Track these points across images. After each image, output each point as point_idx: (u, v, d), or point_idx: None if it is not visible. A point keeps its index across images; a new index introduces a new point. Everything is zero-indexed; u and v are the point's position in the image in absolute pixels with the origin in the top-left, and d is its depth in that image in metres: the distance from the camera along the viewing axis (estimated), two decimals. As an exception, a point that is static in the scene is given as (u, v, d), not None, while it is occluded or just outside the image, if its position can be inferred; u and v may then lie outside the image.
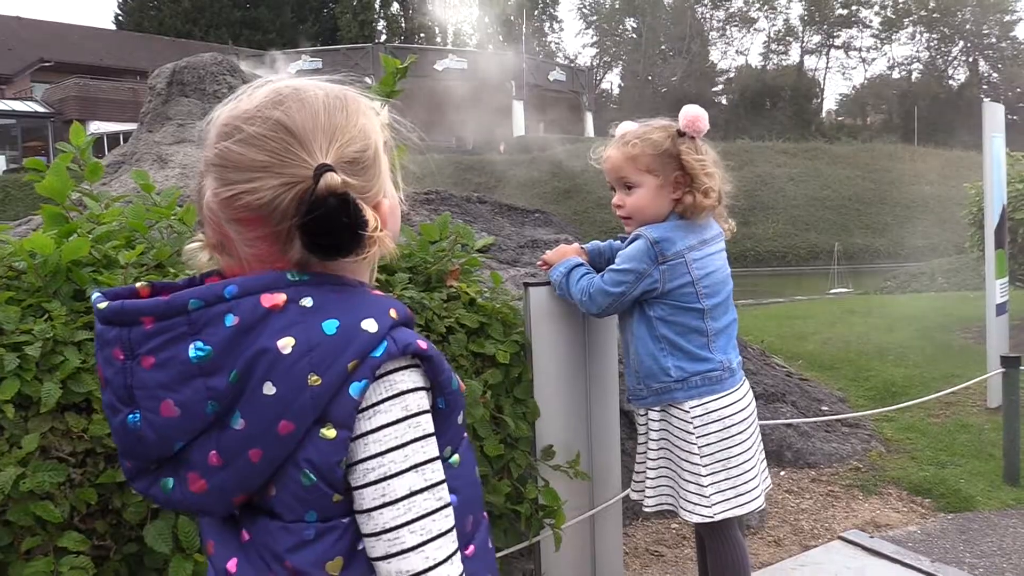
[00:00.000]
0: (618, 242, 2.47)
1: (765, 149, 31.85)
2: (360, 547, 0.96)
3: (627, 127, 2.37)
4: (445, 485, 0.97)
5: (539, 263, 2.53)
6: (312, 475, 0.93)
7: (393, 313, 0.98)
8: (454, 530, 0.97)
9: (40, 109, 32.66)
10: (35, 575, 1.53)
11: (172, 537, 1.67)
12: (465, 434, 1.08)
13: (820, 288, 15.29)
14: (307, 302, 0.95)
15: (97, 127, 28.11)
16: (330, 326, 0.93)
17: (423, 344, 0.98)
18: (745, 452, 2.25)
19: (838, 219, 28.85)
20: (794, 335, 7.12)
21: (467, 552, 1.03)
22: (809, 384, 5.00)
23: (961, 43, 56.97)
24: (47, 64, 34.52)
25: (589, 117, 40.69)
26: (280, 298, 0.94)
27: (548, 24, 61.65)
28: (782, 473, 3.94)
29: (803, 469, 3.97)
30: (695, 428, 2.23)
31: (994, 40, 56.02)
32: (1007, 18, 55.12)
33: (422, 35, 55.83)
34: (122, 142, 13.03)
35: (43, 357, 1.62)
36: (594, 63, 60.90)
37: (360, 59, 31.07)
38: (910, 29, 57.33)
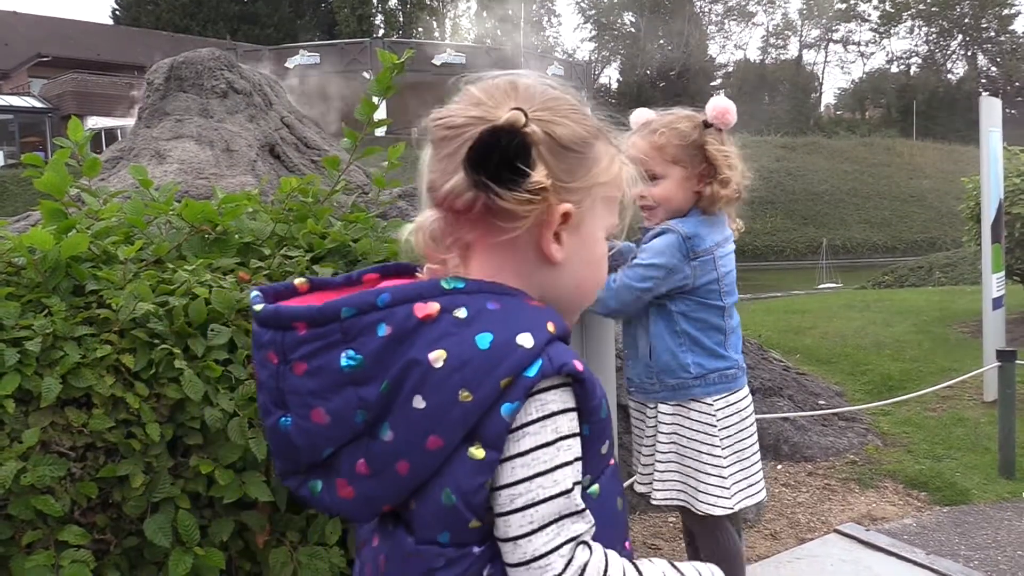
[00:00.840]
0: (634, 245, 2.43)
1: (763, 143, 31.84)
2: (487, 574, 0.93)
3: (644, 114, 2.34)
4: (587, 510, 0.93)
5: None
6: (454, 495, 0.90)
7: (551, 327, 0.94)
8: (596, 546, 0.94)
9: (37, 104, 32.64)
10: (36, 569, 1.54)
11: (172, 531, 1.68)
12: (613, 462, 1.03)
13: (817, 283, 15.32)
14: (461, 313, 0.92)
15: (95, 122, 28.05)
16: (483, 340, 0.90)
17: (579, 365, 0.93)
18: (754, 444, 2.32)
19: (836, 213, 28.89)
20: (792, 329, 7.13)
21: None
22: (806, 378, 5.02)
23: (960, 37, 56.95)
24: (44, 59, 34.47)
25: (587, 112, 40.63)
26: (434, 308, 0.92)
27: (547, 19, 61.59)
28: (779, 467, 3.96)
29: (800, 463, 3.99)
30: (718, 422, 2.25)
31: (992, 34, 56.00)
32: (1005, 12, 55.11)
33: (420, 29, 55.73)
34: (120, 137, 13.02)
35: (43, 352, 1.63)
36: (592, 58, 60.82)
37: (358, 54, 31.04)
38: (908, 23, 57.34)
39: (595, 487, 0.99)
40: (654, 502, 2.36)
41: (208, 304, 1.83)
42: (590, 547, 0.93)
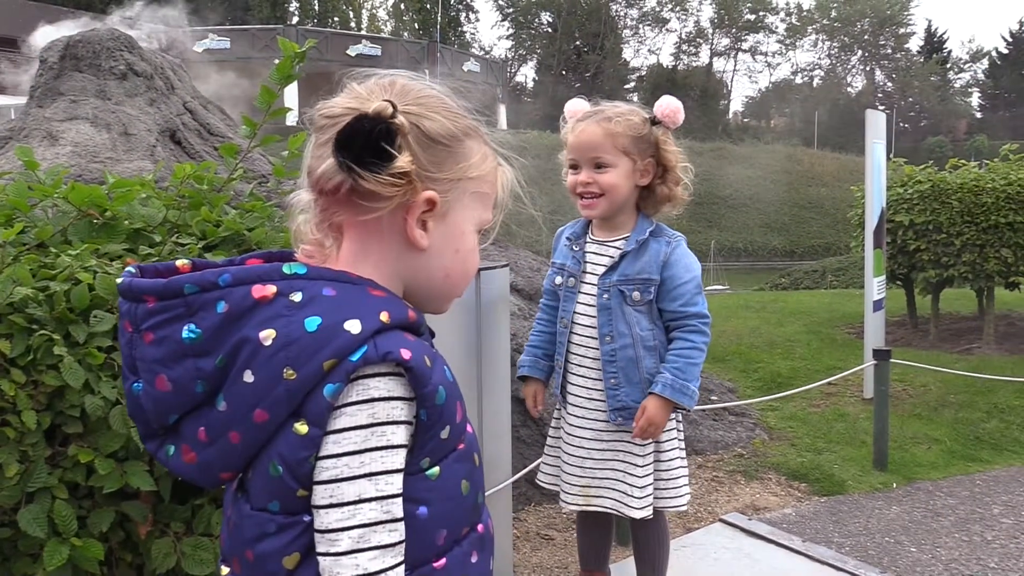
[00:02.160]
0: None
1: (673, 147, 32.54)
2: None
3: (580, 105, 2.33)
4: (399, 500, 0.96)
5: (656, 436, 2.28)
6: (280, 466, 0.96)
7: (384, 316, 0.98)
8: (400, 546, 0.96)
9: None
10: (-102, 559, 1.49)
11: (48, 521, 1.65)
12: (461, 446, 1.07)
13: (724, 283, 15.84)
14: (296, 296, 0.97)
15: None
16: (312, 323, 0.95)
17: (406, 353, 0.96)
18: None
19: (739, 217, 29.89)
20: (691, 328, 7.34)
21: (436, 565, 1.03)
22: (701, 375, 5.19)
23: (859, 52, 59.65)
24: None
25: (503, 109, 40.78)
26: (270, 290, 0.98)
27: (464, 15, 61.47)
28: (671, 460, 4.10)
29: (690, 456, 4.14)
30: (677, 421, 2.38)
31: (889, 51, 58.87)
32: (902, 31, 58.03)
33: (336, 19, 54.81)
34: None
35: (-89, 336, 1.57)
36: (509, 56, 61.07)
37: (270, 41, 30.28)
38: (813, 37, 59.72)
39: (435, 469, 1.03)
40: (639, 515, 2.29)
41: (92, 290, 1.80)
42: (394, 569, 0.96)
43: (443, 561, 1.04)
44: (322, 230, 1.07)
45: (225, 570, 1.08)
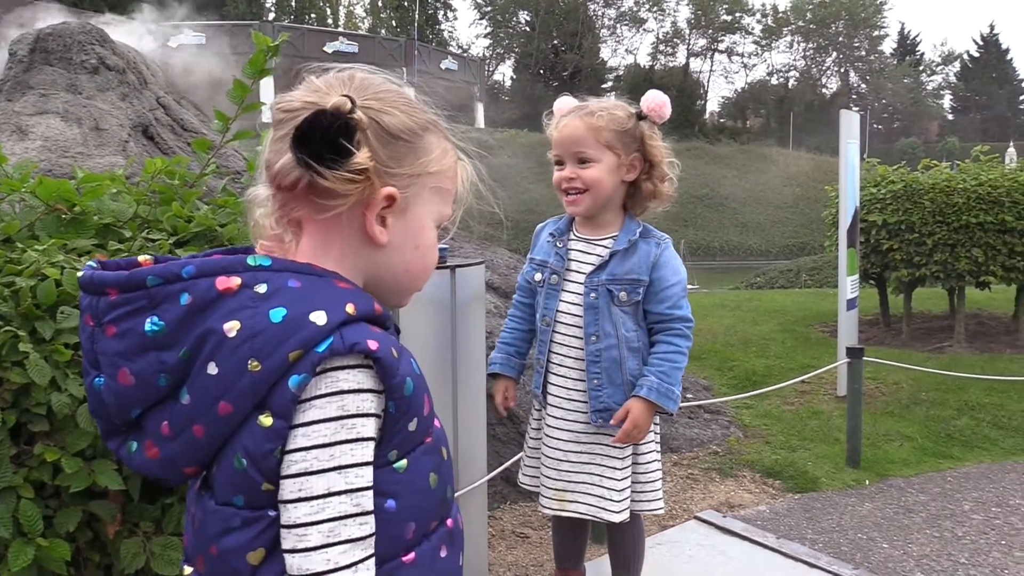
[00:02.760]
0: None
1: (650, 147, 32.69)
2: None
3: (568, 102, 2.30)
4: (369, 493, 0.95)
5: (640, 439, 2.28)
6: (244, 459, 0.94)
7: (350, 308, 0.97)
8: (370, 539, 0.95)
9: None
10: None
11: (12, 521, 1.61)
12: (428, 439, 1.06)
13: (695, 283, 15.91)
14: (261, 288, 0.96)
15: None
16: (277, 314, 0.94)
17: (373, 344, 0.95)
18: None
19: (716, 216, 30.08)
20: (667, 327, 7.37)
21: (405, 559, 1.02)
22: (677, 373, 5.22)
23: (834, 54, 60.20)
24: None
25: (480, 108, 40.72)
26: (235, 282, 0.96)
27: (442, 12, 61.32)
28: (647, 457, 4.11)
29: (666, 454, 4.15)
30: (655, 424, 2.36)
31: (863, 53, 59.48)
32: (876, 33, 58.65)
33: (313, 16, 54.46)
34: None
35: None
36: (487, 54, 61.02)
37: (247, 36, 30.05)
38: (788, 38, 60.15)
39: (403, 462, 1.02)
40: (617, 519, 2.28)
41: (59, 286, 1.76)
42: (364, 562, 0.94)
43: (412, 555, 1.03)
44: (281, 225, 1.06)
45: (188, 570, 1.06)
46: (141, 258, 1.04)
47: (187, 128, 5.61)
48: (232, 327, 0.94)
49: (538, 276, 2.37)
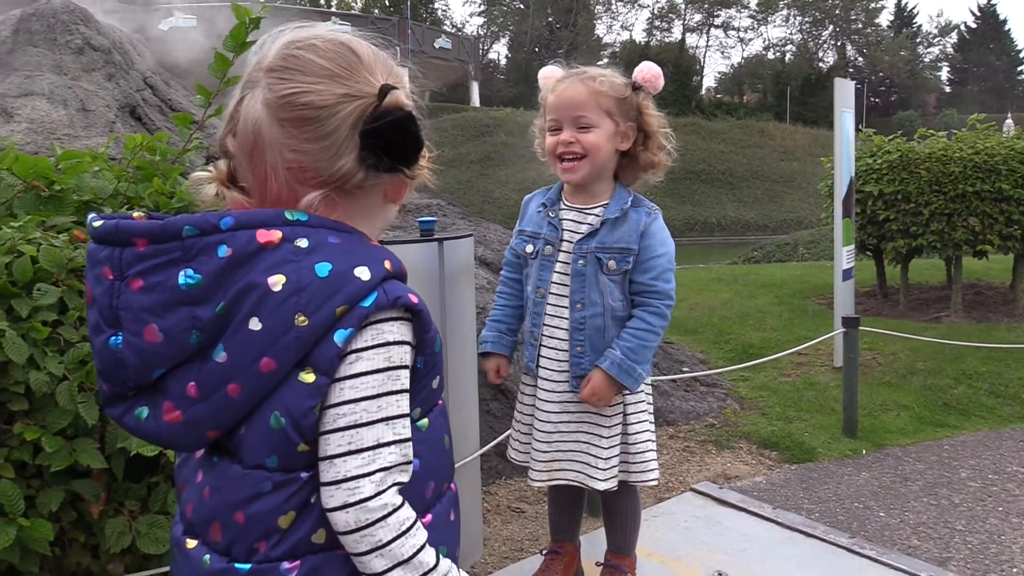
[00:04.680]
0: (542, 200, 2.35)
1: (646, 123, 32.59)
2: (314, 501, 0.94)
3: (555, 70, 2.28)
4: (411, 443, 0.96)
5: (599, 406, 2.24)
6: (282, 418, 0.92)
7: (387, 264, 0.98)
8: (405, 485, 0.97)
9: None
10: None
11: (-7, 501, 1.59)
12: (441, 401, 1.07)
13: (692, 259, 15.89)
14: (302, 243, 0.94)
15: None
16: (323, 269, 0.93)
17: (414, 298, 0.97)
18: None
19: (712, 192, 30.01)
20: (664, 302, 7.36)
21: (424, 520, 1.01)
22: (672, 347, 5.20)
23: (831, 28, 59.81)
24: None
25: (475, 86, 40.50)
26: (276, 235, 0.93)
27: (436, -10, 60.79)
28: (643, 431, 4.10)
29: (662, 427, 4.14)
30: (647, 395, 2.34)
31: (860, 26, 59.11)
32: (872, 5, 58.25)
33: (305, -4, 53.99)
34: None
35: None
36: (481, 32, 60.60)
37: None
38: (784, 12, 59.71)
39: (424, 420, 1.03)
40: (603, 487, 2.26)
41: (36, 263, 1.73)
42: (404, 501, 0.96)
43: (429, 517, 1.04)
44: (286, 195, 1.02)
45: (192, 543, 1.02)
46: (135, 214, 0.98)
47: (175, 108, 5.55)
48: (277, 281, 0.91)
49: (530, 248, 2.33)
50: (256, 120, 0.98)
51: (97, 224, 0.95)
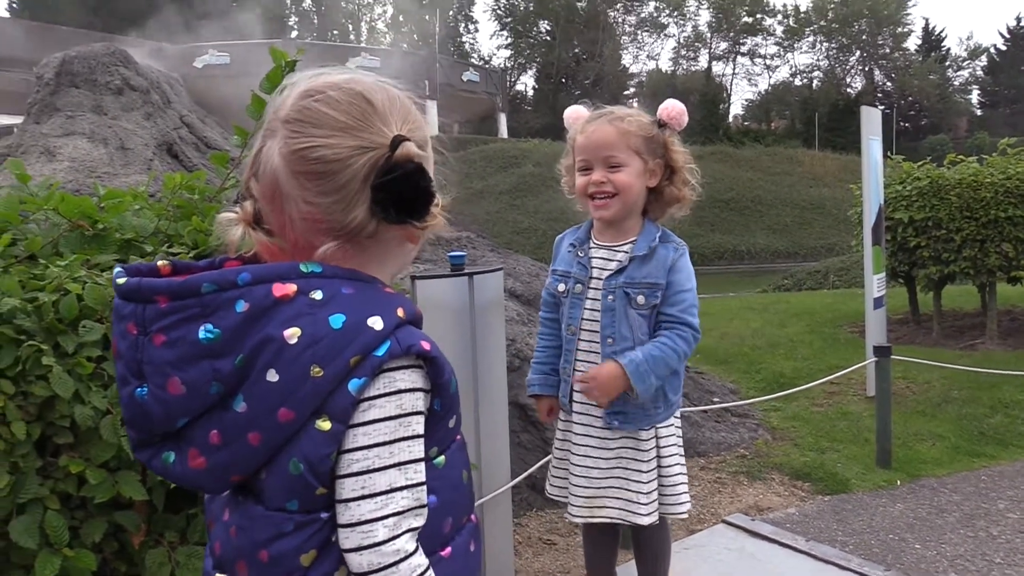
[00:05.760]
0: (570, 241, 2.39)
1: (673, 152, 32.59)
2: (334, 540, 0.97)
3: (581, 110, 2.33)
4: (424, 487, 0.99)
5: (593, 396, 2.22)
6: (301, 464, 0.95)
7: (400, 312, 1.00)
8: (419, 530, 0.99)
9: (-77, 100, 30.78)
10: None
11: (39, 532, 1.64)
12: (459, 436, 1.10)
13: (722, 287, 15.81)
14: (317, 295, 0.97)
15: (-12, 120, 26.67)
16: (336, 320, 0.95)
17: (426, 345, 1.00)
18: None
19: (742, 220, 29.87)
20: (693, 331, 7.33)
21: (443, 553, 1.05)
22: (703, 377, 5.19)
23: (858, 53, 59.64)
24: (-68, 52, 32.54)
25: (503, 118, 40.86)
26: (291, 288, 0.96)
27: (463, 25, 61.68)
28: (673, 462, 4.09)
29: (693, 458, 4.12)
30: (677, 428, 2.35)
31: (887, 51, 58.85)
32: (899, 30, 58.02)
33: (335, 32, 55.05)
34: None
35: (-101, 349, 1.57)
36: (508, 65, 61.22)
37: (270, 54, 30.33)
38: (811, 38, 59.71)
39: (441, 458, 1.06)
40: (646, 522, 2.26)
41: (81, 300, 1.79)
42: (418, 547, 0.99)
43: (448, 550, 1.06)
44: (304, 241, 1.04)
45: None
46: (160, 263, 1.03)
47: (211, 146, 5.69)
48: (293, 334, 0.94)
49: (561, 287, 2.37)
50: (274, 170, 1.01)
51: (121, 281, 0.99)
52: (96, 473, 1.69)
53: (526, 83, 63.73)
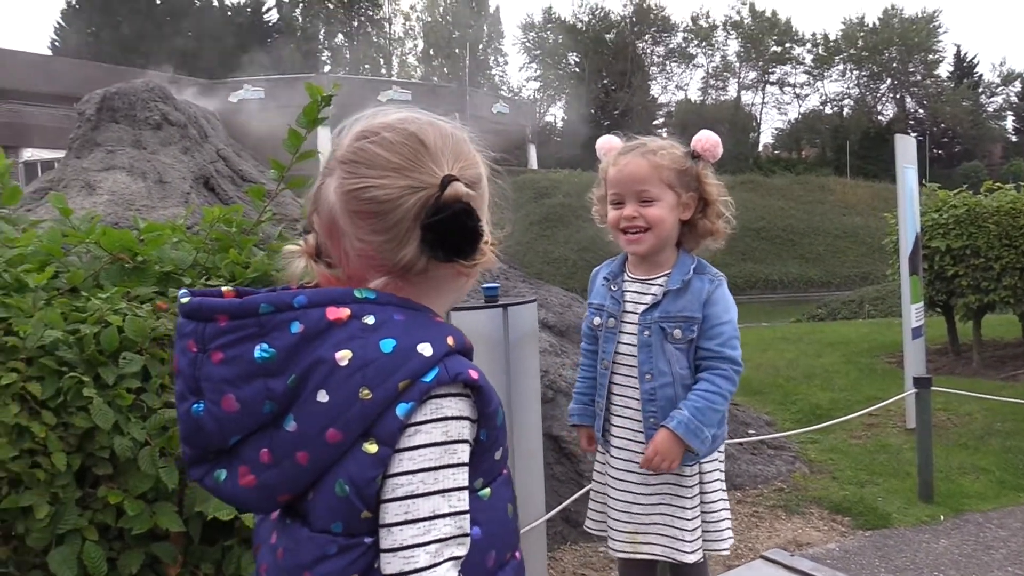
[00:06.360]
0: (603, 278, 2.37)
1: (704, 181, 32.56)
2: (376, 566, 0.97)
3: (613, 141, 2.31)
4: (467, 516, 0.99)
5: (663, 468, 2.15)
6: (347, 486, 0.96)
7: (450, 341, 1.02)
8: (462, 560, 0.98)
9: (-32, 136, 31.71)
10: (-69, 604, 1.50)
11: (77, 563, 1.65)
12: (505, 471, 1.10)
13: (755, 317, 15.64)
14: (369, 319, 0.99)
15: (31, 154, 27.41)
16: (387, 345, 0.97)
17: (474, 374, 1.00)
18: None
19: (773, 249, 29.64)
20: (727, 361, 7.26)
21: None
22: (738, 409, 5.11)
23: (888, 80, 59.30)
24: (-22, 90, 33.59)
25: (533, 149, 41.12)
26: (344, 312, 0.99)
27: (493, 58, 62.39)
28: (709, 495, 4.02)
29: (729, 491, 4.03)
30: (720, 462, 2.30)
31: (919, 78, 58.44)
32: (931, 57, 57.65)
33: (367, 66, 55.95)
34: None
35: (-55, 381, 1.60)
36: (537, 96, 61.72)
37: (304, 88, 30.89)
38: (840, 67, 59.48)
39: (487, 490, 1.05)
40: (692, 560, 2.21)
41: (121, 332, 1.82)
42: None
43: None
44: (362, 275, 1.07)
45: None
46: (224, 289, 1.06)
47: (246, 179, 5.78)
48: (344, 356, 0.96)
49: (597, 320, 2.35)
50: (331, 207, 1.05)
51: (185, 300, 1.02)
52: (134, 504, 1.70)
53: (555, 114, 64.21)
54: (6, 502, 1.60)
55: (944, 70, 59.79)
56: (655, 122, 58.87)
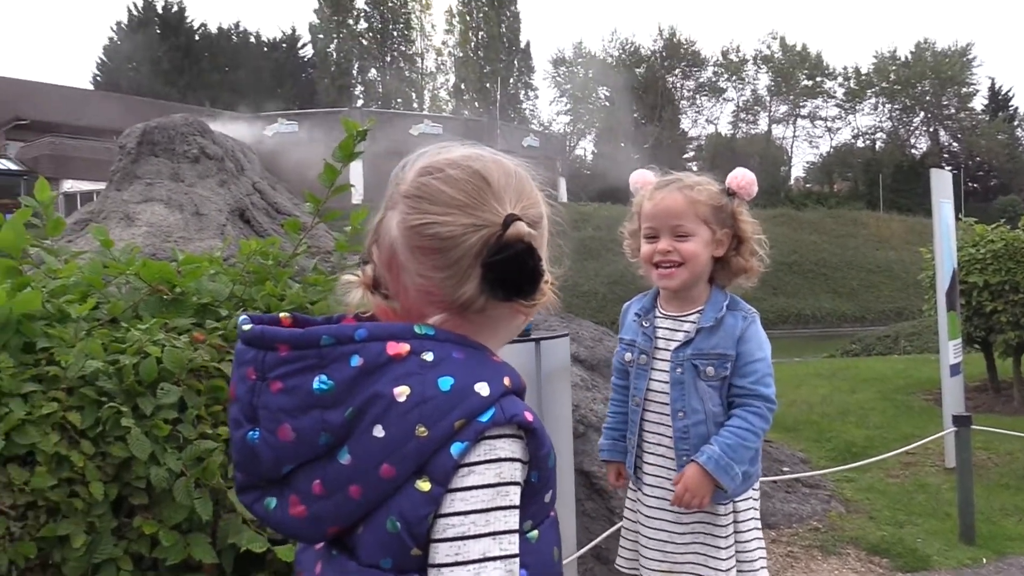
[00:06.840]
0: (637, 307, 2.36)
1: (734, 214, 32.47)
2: None
3: (647, 175, 2.31)
4: (517, 560, 0.98)
5: (692, 505, 2.12)
6: (398, 523, 0.95)
7: (507, 381, 1.01)
8: None
9: (13, 167, 32.55)
10: (-32, 632, 1.51)
11: (113, 593, 1.66)
12: (553, 513, 1.09)
13: (788, 352, 15.45)
14: (428, 356, 0.99)
15: (71, 186, 28.07)
16: (445, 383, 0.97)
17: (529, 416, 1.00)
18: None
19: (806, 283, 29.37)
20: (759, 397, 7.16)
21: None
22: (771, 446, 5.04)
23: (922, 114, 58.88)
24: (23, 122, 34.52)
25: (563, 182, 41.31)
26: (404, 348, 0.99)
27: (523, 92, 62.96)
28: (742, 533, 3.95)
29: (763, 530, 3.97)
30: (755, 501, 2.25)
31: (952, 111, 57.95)
32: (965, 90, 57.18)
33: (399, 100, 56.74)
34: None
35: (-12, 409, 1.63)
36: (567, 130, 62.09)
37: (336, 122, 31.41)
38: (873, 100, 59.20)
39: (535, 532, 1.03)
40: None
41: (160, 363, 1.84)
42: None
43: None
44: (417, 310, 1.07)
45: None
46: (281, 315, 1.07)
47: (280, 211, 5.87)
48: (402, 392, 0.96)
49: (628, 356, 2.34)
50: (392, 241, 1.05)
51: (246, 328, 1.03)
52: (169, 535, 1.71)
53: (585, 148, 64.49)
54: (44, 531, 1.61)
55: (979, 103, 59.27)
56: (685, 155, 58.89)
